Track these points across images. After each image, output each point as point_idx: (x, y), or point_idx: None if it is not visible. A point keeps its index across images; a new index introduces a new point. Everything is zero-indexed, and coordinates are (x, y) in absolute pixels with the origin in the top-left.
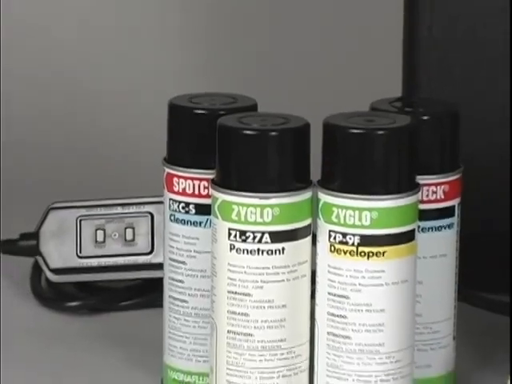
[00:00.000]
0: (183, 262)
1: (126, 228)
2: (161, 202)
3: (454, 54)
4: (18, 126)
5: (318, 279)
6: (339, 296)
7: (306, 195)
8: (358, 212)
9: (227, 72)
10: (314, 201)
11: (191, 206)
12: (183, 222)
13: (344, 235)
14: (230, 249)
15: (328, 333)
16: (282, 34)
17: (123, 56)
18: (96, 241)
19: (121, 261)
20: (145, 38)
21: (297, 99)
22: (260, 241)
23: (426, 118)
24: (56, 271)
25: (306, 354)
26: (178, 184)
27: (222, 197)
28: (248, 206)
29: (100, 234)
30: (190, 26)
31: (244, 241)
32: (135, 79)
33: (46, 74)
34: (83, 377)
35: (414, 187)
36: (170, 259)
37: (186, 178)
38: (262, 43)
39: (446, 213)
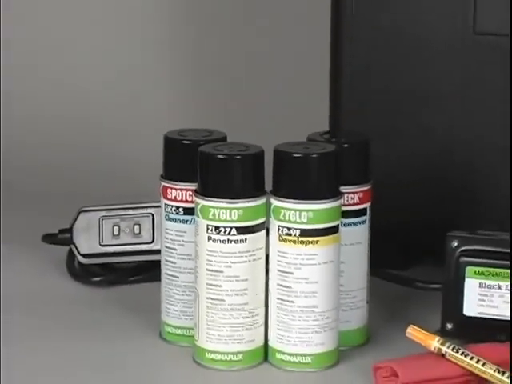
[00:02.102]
0: (175, 249)
1: (134, 225)
2: (159, 206)
3: (368, 103)
4: (51, 150)
5: (270, 260)
6: (285, 272)
7: (261, 200)
8: (298, 212)
9: (205, 113)
10: (267, 204)
11: (180, 209)
12: (175, 220)
13: (289, 229)
14: (208, 239)
15: (278, 298)
16: (245, 85)
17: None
18: (113, 234)
19: (130, 248)
20: (140, 89)
21: (255, 132)
22: (229, 233)
23: (346, 145)
24: (85, 256)
25: (262, 314)
26: (171, 193)
27: (202, 202)
28: (220, 208)
29: (116, 229)
30: (180, 79)
31: (218, 233)
32: (136, 117)
33: (57, 112)
34: (104, 331)
35: (337, 195)
36: (166, 247)
37: (176, 189)
38: (230, 95)
39: (361, 213)
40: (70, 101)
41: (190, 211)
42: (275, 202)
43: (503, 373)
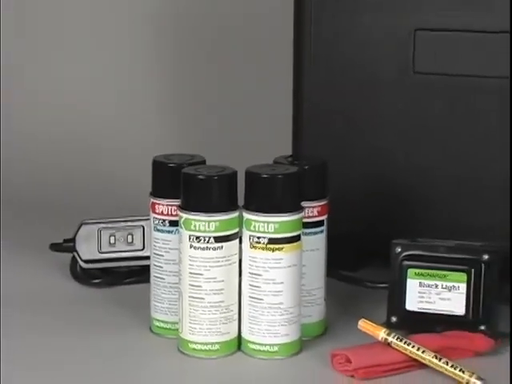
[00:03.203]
0: (162, 255)
1: (127, 235)
2: (148, 219)
3: (326, 131)
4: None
5: (243, 264)
6: (256, 274)
7: (235, 214)
8: (266, 224)
9: (187, 139)
10: (240, 217)
11: (166, 222)
12: (162, 231)
13: (258, 238)
14: (190, 247)
15: (249, 297)
16: (221, 116)
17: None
18: (110, 243)
19: (125, 254)
20: (134, 120)
21: (229, 156)
22: (208, 242)
23: (306, 167)
24: (86, 261)
25: (236, 310)
26: (159, 208)
27: (185, 216)
28: (200, 221)
29: (112, 238)
30: (167, 112)
31: (198, 242)
32: (131, 144)
33: (59, 135)
34: (102, 325)
35: (299, 209)
36: (154, 253)
37: (163, 205)
38: (209, 124)
39: (319, 224)
40: (72, 127)
41: (174, 223)
42: (247, 215)
43: (440, 359)
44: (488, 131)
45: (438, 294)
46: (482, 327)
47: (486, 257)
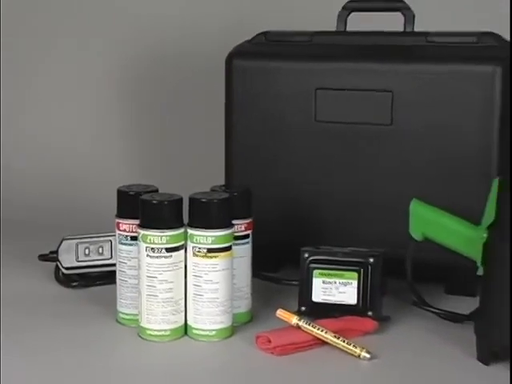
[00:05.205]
0: (125, 263)
1: (99, 247)
2: (114, 235)
3: (251, 165)
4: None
5: (188, 269)
6: (198, 276)
7: (181, 230)
8: (205, 237)
9: (144, 173)
10: (186, 232)
11: (128, 237)
12: (125, 244)
13: (199, 248)
14: (147, 256)
15: (193, 294)
16: (170, 153)
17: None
18: (85, 253)
19: (97, 263)
20: (102, 157)
21: (178, 186)
22: (160, 252)
23: (235, 194)
24: (66, 268)
25: (183, 304)
26: (122, 226)
27: (143, 232)
28: (154, 236)
29: (87, 250)
30: (128, 152)
31: (153, 252)
32: (101, 177)
33: (46, 170)
34: (79, 318)
35: (230, 225)
36: (119, 261)
37: (126, 224)
38: (160, 161)
39: (246, 237)
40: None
41: (134, 238)
42: (190, 231)
43: (338, 337)
44: (372, 165)
45: (337, 288)
46: (370, 313)
47: (371, 260)
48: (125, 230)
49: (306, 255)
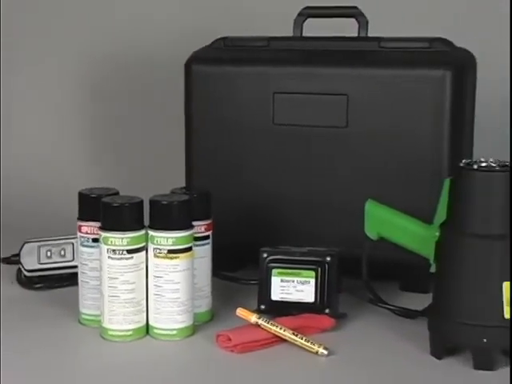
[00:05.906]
0: (87, 264)
1: (61, 250)
2: (76, 237)
3: (211, 168)
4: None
5: (149, 269)
6: (159, 277)
7: (142, 232)
8: (166, 238)
9: (104, 176)
10: (146, 234)
11: (90, 239)
12: (87, 246)
13: (160, 249)
14: (108, 258)
15: (154, 294)
16: (131, 157)
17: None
18: (47, 256)
19: (59, 265)
20: (65, 162)
21: (138, 188)
22: (122, 253)
23: (195, 196)
24: (28, 271)
25: (144, 304)
26: (84, 229)
27: (104, 234)
28: (115, 238)
29: (49, 252)
30: (90, 156)
31: (114, 254)
32: (63, 181)
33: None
34: (40, 319)
35: (191, 227)
36: (81, 263)
37: (87, 226)
38: (123, 165)
39: (206, 238)
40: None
41: (96, 240)
42: (151, 233)
43: (297, 335)
44: (329, 167)
45: (295, 287)
46: (327, 310)
47: (328, 259)
48: (86, 233)
49: (265, 255)
